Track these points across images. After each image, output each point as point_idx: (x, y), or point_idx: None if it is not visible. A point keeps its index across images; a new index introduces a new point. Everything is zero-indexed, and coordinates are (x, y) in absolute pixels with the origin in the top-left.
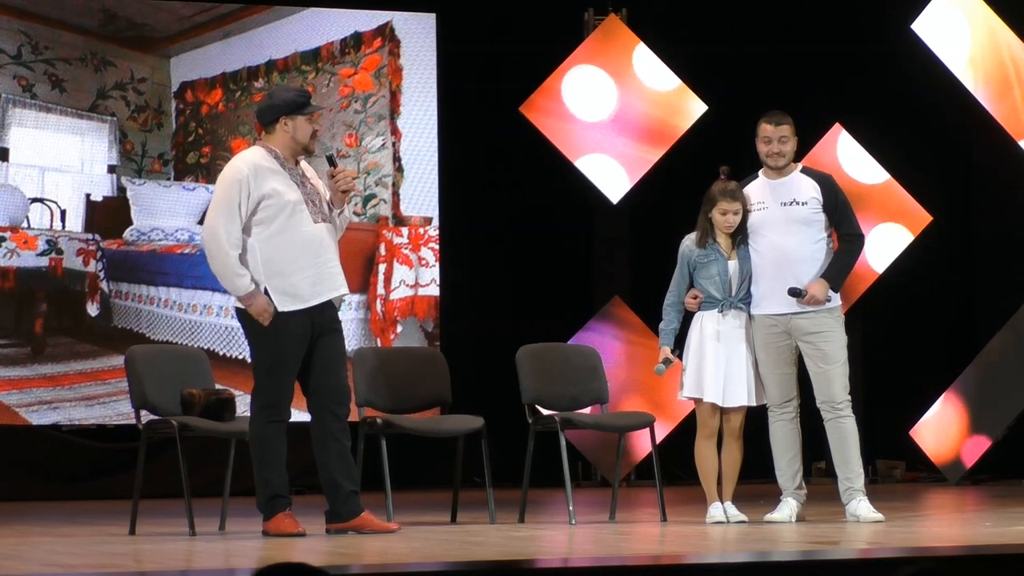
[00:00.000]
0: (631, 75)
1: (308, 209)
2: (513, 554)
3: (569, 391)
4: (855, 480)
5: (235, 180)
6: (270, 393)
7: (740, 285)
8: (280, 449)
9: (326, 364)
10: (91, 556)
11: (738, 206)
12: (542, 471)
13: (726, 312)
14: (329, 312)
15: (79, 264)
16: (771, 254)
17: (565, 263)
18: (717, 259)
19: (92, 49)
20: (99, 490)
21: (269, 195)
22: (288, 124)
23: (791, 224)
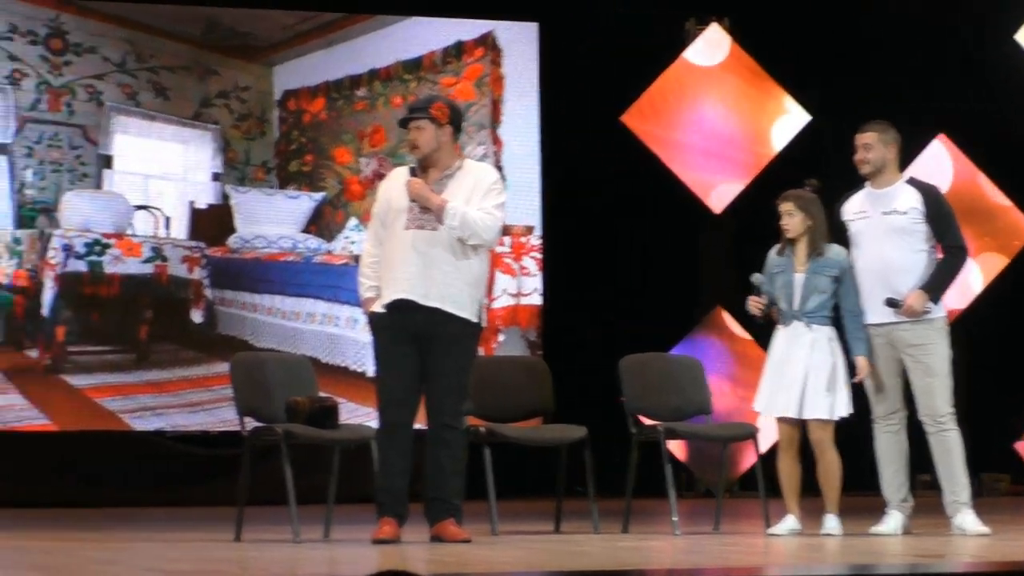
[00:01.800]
0: (733, 85)
1: (407, 216)
2: (617, 564)
3: (672, 401)
4: (960, 493)
5: (380, 188)
6: (377, 396)
7: (806, 299)
8: (385, 454)
9: (425, 373)
10: (196, 562)
11: (790, 207)
12: (645, 481)
13: (789, 324)
14: (422, 318)
15: (184, 271)
16: (871, 264)
17: (667, 273)
18: (785, 270)
19: (196, 58)
20: (202, 496)
21: (383, 203)
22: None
23: (890, 233)
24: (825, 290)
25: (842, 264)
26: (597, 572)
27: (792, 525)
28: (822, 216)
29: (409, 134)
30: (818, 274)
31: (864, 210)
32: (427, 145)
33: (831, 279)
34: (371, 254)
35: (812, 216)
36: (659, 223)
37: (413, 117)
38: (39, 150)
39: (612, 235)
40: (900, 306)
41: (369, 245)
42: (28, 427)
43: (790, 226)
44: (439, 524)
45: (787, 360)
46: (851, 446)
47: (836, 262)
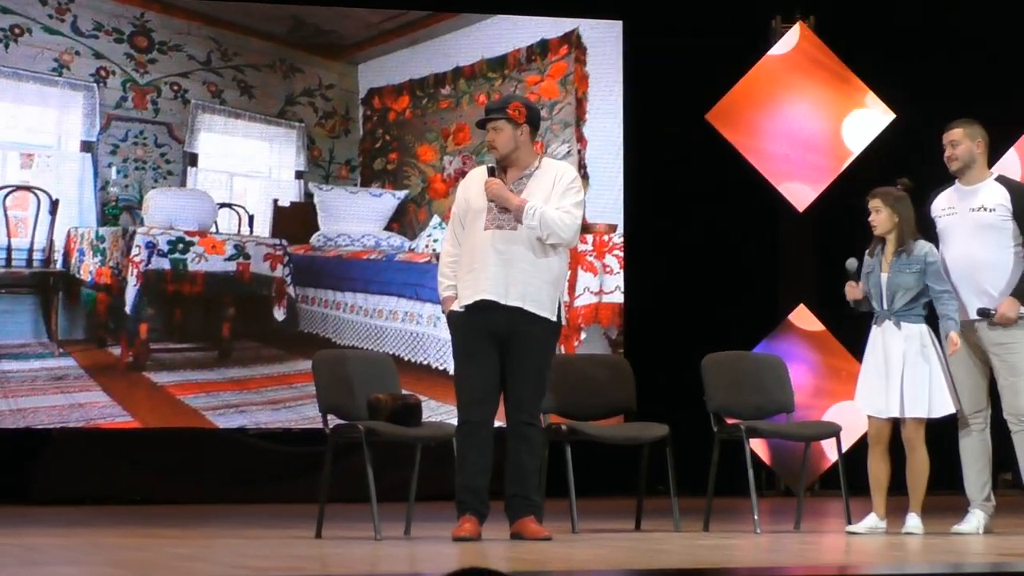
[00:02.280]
0: (818, 83)
1: (486, 216)
2: (698, 562)
3: (754, 400)
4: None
5: (460, 187)
6: (457, 395)
7: (892, 297)
8: (465, 453)
9: (507, 370)
10: (278, 559)
11: (878, 203)
12: (726, 480)
13: (882, 324)
14: (504, 317)
15: (266, 269)
16: (959, 260)
17: (750, 271)
18: (873, 270)
19: (280, 56)
20: (284, 493)
21: (462, 204)
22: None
23: (978, 230)
24: (911, 287)
25: (925, 258)
26: (677, 570)
27: (874, 523)
28: (910, 213)
29: (487, 135)
30: (902, 272)
31: (952, 206)
32: (505, 145)
33: (915, 275)
34: (450, 254)
35: (899, 213)
36: (742, 221)
37: (491, 118)
38: (124, 148)
39: (694, 233)
40: (992, 315)
41: (449, 245)
42: (111, 424)
43: (877, 222)
44: (519, 521)
45: (883, 359)
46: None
47: (919, 257)
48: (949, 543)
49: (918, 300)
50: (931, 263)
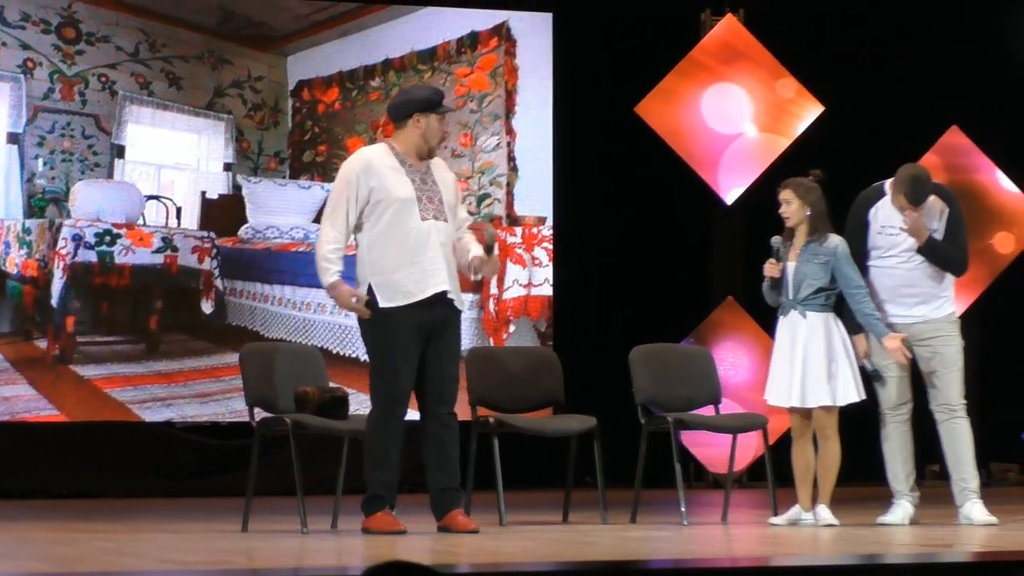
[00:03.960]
0: (747, 76)
1: (418, 206)
2: (625, 554)
3: (682, 392)
4: (969, 481)
5: (346, 179)
6: (383, 392)
7: (798, 287)
8: (388, 448)
9: (431, 363)
10: (204, 552)
11: (789, 194)
12: (654, 472)
13: (786, 314)
14: (439, 309)
15: (194, 261)
16: (895, 275)
17: (679, 263)
18: (783, 260)
19: (209, 47)
20: (212, 487)
21: (377, 192)
22: (421, 121)
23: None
24: (817, 277)
25: (835, 251)
26: (604, 562)
27: (797, 515)
28: (821, 205)
29: (442, 124)
30: (809, 262)
31: (893, 224)
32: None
33: (822, 266)
34: (337, 240)
35: (810, 204)
36: (671, 214)
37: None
38: (51, 139)
39: (624, 226)
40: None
41: (336, 232)
42: (37, 418)
43: (788, 213)
44: (449, 515)
45: (788, 349)
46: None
47: (829, 249)
48: (875, 534)
49: (823, 291)
50: (841, 256)
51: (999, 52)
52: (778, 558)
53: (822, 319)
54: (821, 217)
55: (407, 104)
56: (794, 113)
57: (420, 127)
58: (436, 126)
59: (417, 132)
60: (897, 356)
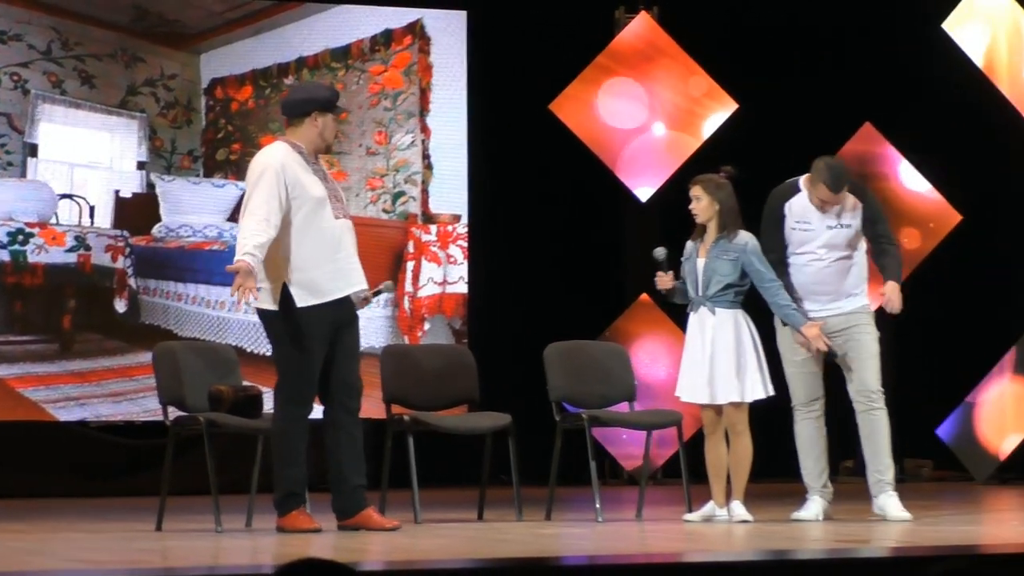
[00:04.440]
0: (661, 74)
1: (331, 205)
2: (539, 551)
3: (597, 389)
4: (885, 473)
5: (269, 175)
6: (291, 390)
7: (707, 283)
8: (299, 446)
9: (339, 358)
10: (118, 552)
11: (698, 191)
12: (569, 469)
13: (695, 310)
14: (347, 306)
15: (107, 260)
16: (809, 271)
17: (594, 261)
18: (691, 255)
19: (122, 45)
20: (126, 486)
21: (294, 190)
22: (319, 120)
23: (833, 247)
24: (727, 274)
25: (745, 247)
26: (519, 560)
27: (711, 511)
28: (732, 201)
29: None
30: (719, 258)
31: (808, 220)
32: None
33: (731, 263)
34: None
35: (719, 201)
36: (586, 211)
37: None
38: None
39: (539, 223)
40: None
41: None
42: None
43: (698, 210)
44: (363, 513)
45: (698, 346)
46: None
47: (739, 246)
48: (788, 530)
49: (732, 287)
50: (751, 251)
51: (912, 48)
52: (692, 554)
53: (731, 315)
54: (731, 214)
55: (307, 102)
56: (708, 111)
57: (318, 126)
58: (333, 126)
59: (315, 131)
60: (818, 343)
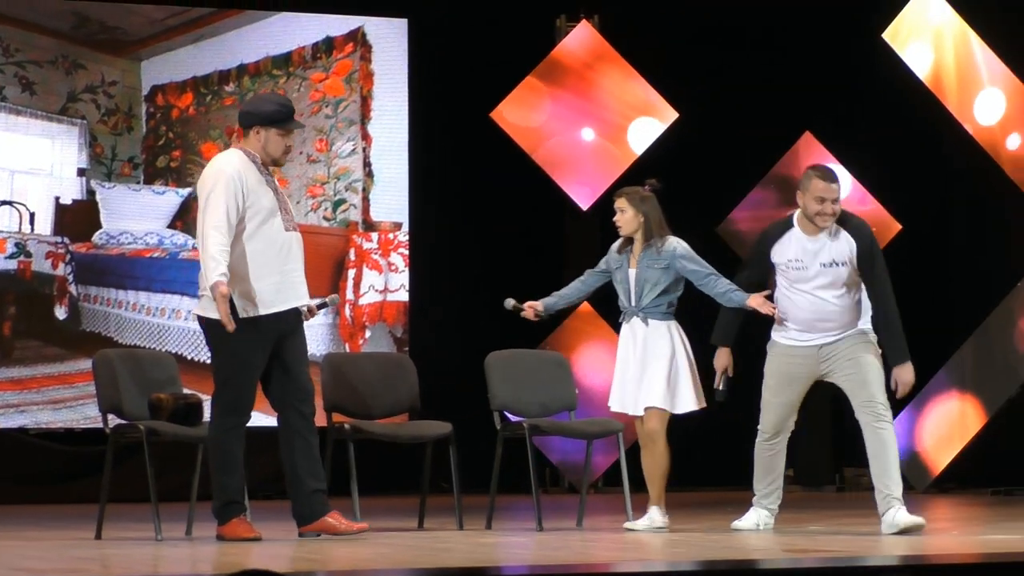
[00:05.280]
0: (602, 82)
1: (281, 216)
2: (480, 561)
3: (538, 397)
4: (894, 489)
5: (225, 182)
6: (229, 399)
7: (640, 294)
8: (238, 455)
9: (288, 364)
10: (58, 560)
11: (623, 203)
12: (510, 477)
13: (628, 320)
14: (291, 316)
15: (48, 267)
16: (807, 306)
17: (535, 269)
18: (621, 266)
19: (63, 52)
20: (66, 494)
21: (248, 199)
22: (260, 133)
23: (830, 285)
24: (659, 282)
25: (674, 252)
26: (460, 569)
27: (652, 520)
28: (656, 213)
29: (290, 140)
30: (651, 267)
31: (800, 259)
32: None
33: (662, 271)
34: (224, 242)
35: (643, 213)
36: (527, 219)
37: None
38: None
39: (480, 231)
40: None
41: (222, 236)
42: None
43: (622, 222)
44: (323, 518)
45: (629, 357)
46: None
47: (668, 252)
48: (727, 539)
49: (665, 296)
50: (681, 255)
51: (853, 58)
52: (632, 563)
53: (665, 326)
54: (657, 225)
55: (250, 115)
56: (649, 119)
57: (260, 140)
58: (277, 141)
59: (258, 144)
60: (766, 309)
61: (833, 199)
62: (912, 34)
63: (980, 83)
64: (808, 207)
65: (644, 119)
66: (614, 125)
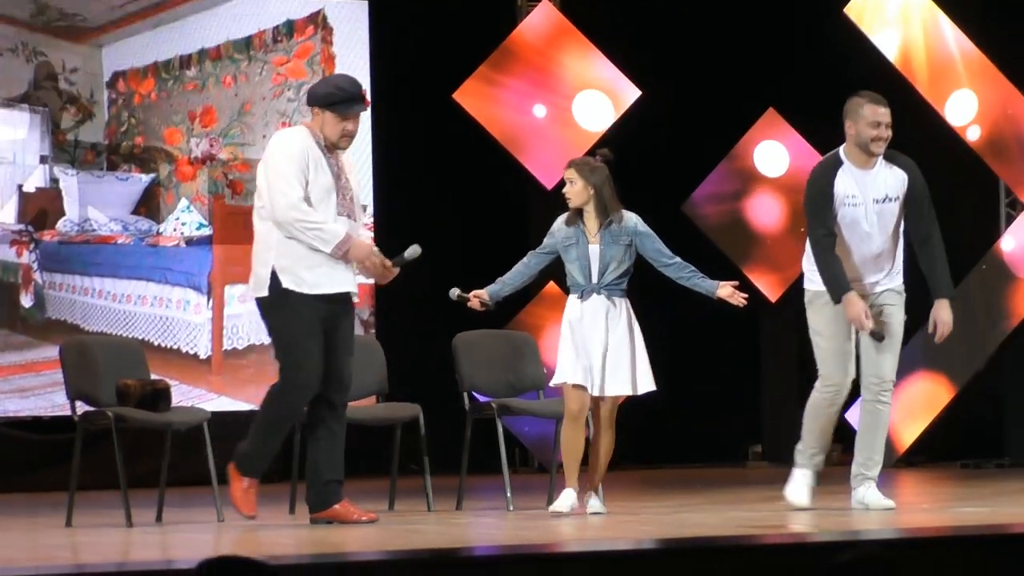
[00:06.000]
0: (565, 61)
1: (336, 199)
2: (451, 541)
3: (506, 377)
4: (872, 468)
5: (291, 153)
6: (288, 374)
7: (604, 271)
8: (284, 426)
9: (330, 351)
10: (28, 548)
11: (572, 174)
12: (480, 458)
13: (586, 298)
14: (339, 300)
15: (12, 256)
16: (855, 249)
17: (501, 250)
18: (578, 241)
19: (23, 39)
20: (35, 482)
21: (310, 175)
22: (319, 115)
23: (880, 224)
24: (623, 259)
25: (635, 229)
26: (430, 550)
27: (573, 500)
28: (607, 185)
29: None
30: (614, 243)
31: (853, 194)
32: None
33: (625, 247)
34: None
35: (593, 185)
36: (492, 200)
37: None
38: None
39: (445, 212)
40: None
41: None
42: None
43: (571, 194)
44: (334, 507)
45: (590, 334)
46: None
47: (629, 229)
48: (695, 517)
49: (625, 274)
50: (643, 233)
51: (816, 34)
52: (604, 542)
53: (624, 305)
54: (609, 197)
55: (310, 96)
56: (611, 97)
57: (319, 121)
58: (333, 123)
59: (319, 124)
60: (736, 300)
61: (887, 123)
62: (876, 11)
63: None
64: (862, 134)
65: (606, 97)
66: (576, 104)
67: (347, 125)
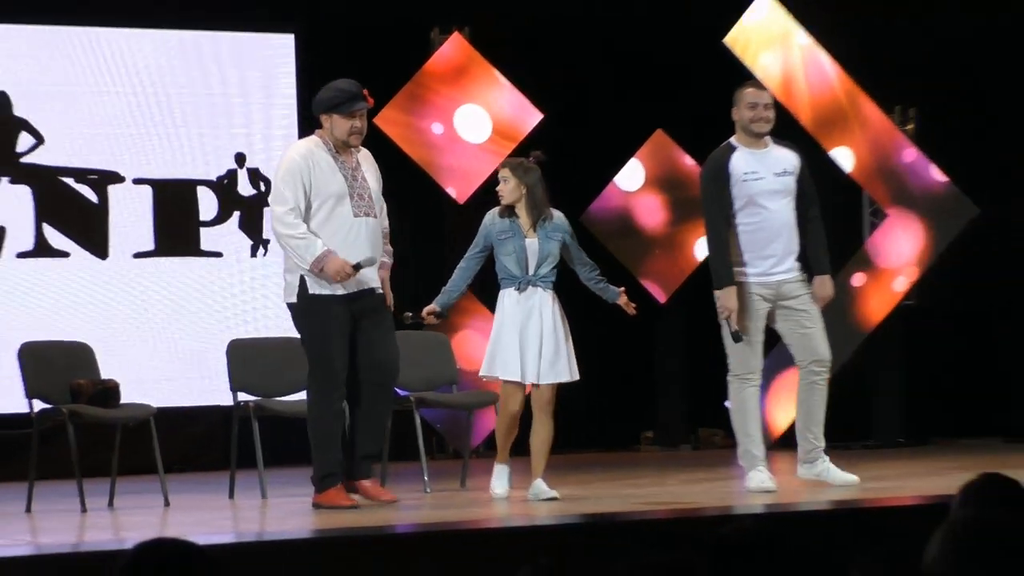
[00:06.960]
0: (474, 87)
1: (351, 202)
2: (375, 521)
3: (423, 373)
4: (821, 440)
5: (290, 170)
6: (319, 376)
7: (541, 264)
8: (335, 430)
9: (370, 341)
10: None
11: (506, 173)
12: (400, 446)
13: (524, 290)
14: (364, 296)
15: None
16: (763, 223)
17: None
18: (514, 236)
19: None
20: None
21: (313, 187)
22: (327, 121)
23: (784, 195)
24: (556, 255)
25: (566, 228)
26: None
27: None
28: (539, 185)
29: (358, 121)
30: (550, 239)
31: (755, 170)
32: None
33: (558, 243)
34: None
35: (526, 184)
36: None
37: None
38: None
39: None
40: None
41: (297, 220)
42: None
43: (504, 192)
44: (362, 481)
45: (524, 326)
46: None
47: (560, 226)
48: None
49: (555, 269)
50: (569, 232)
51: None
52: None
53: (553, 296)
54: (541, 195)
55: (315, 105)
56: (517, 120)
57: (328, 126)
58: (341, 124)
59: (328, 130)
60: (629, 309)
61: (764, 104)
62: (751, 39)
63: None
64: (743, 115)
65: (512, 119)
66: (486, 126)
67: (354, 123)
